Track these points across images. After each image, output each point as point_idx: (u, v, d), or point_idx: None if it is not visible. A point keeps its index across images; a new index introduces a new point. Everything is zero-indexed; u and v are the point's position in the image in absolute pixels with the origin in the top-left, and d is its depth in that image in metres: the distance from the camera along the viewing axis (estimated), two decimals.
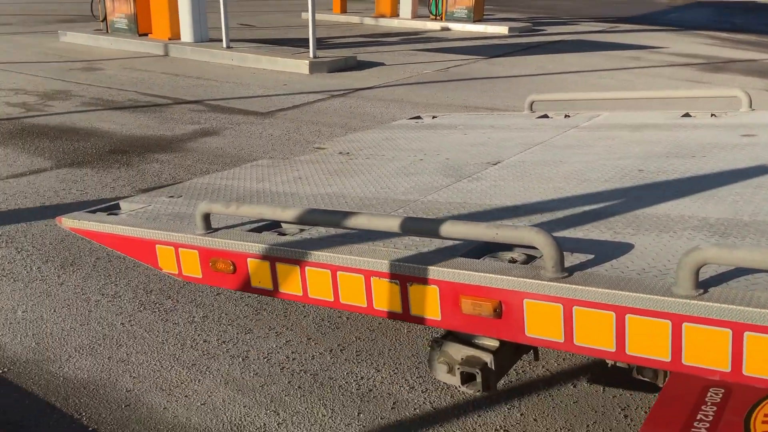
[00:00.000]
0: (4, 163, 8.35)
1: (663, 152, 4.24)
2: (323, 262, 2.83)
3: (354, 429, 3.55)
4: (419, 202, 3.58)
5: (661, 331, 2.18)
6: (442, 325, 2.69)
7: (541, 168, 4.09)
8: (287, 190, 4.05)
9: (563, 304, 2.33)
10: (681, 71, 14.40)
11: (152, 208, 3.78)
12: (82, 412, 3.77)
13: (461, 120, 5.99)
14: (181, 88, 13.08)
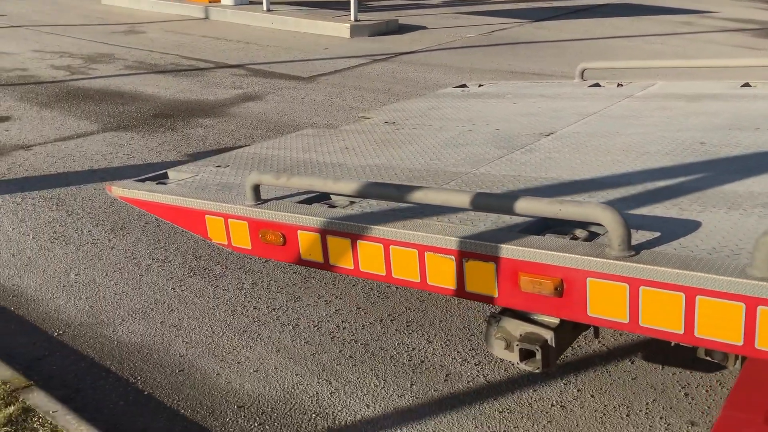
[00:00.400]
0: (52, 126, 8.42)
1: (724, 124, 4.06)
2: (376, 236, 2.77)
3: (407, 400, 3.52)
4: (471, 174, 3.48)
5: (733, 314, 2.10)
6: (498, 302, 2.64)
7: (597, 140, 3.94)
8: (334, 160, 3.97)
9: (629, 284, 2.25)
10: (734, 37, 13.91)
11: (200, 178, 3.74)
12: (137, 376, 3.81)
13: (509, 89, 5.85)
14: (221, 51, 13.03)
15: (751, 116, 4.21)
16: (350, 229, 2.84)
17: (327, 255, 2.97)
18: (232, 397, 3.60)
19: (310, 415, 3.45)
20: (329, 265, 3.01)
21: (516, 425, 3.30)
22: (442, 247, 2.62)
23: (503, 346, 2.83)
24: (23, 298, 4.65)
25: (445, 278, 2.66)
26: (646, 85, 5.54)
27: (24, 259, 5.18)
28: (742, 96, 4.87)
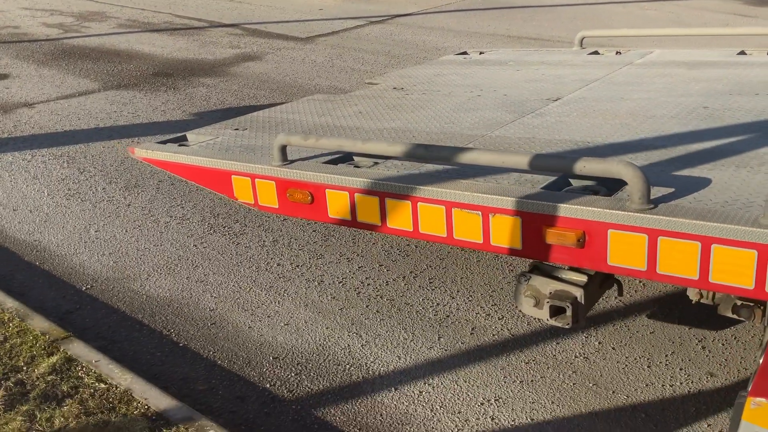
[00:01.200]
0: (52, 84, 8.36)
1: (725, 90, 4.22)
2: (404, 193, 2.86)
3: (436, 352, 3.66)
4: (488, 137, 3.57)
5: (746, 260, 2.25)
6: (522, 254, 2.72)
7: (604, 104, 4.07)
8: (351, 124, 4.05)
9: (648, 235, 2.39)
10: (727, 4, 14.02)
11: (221, 140, 3.81)
12: (170, 328, 3.91)
13: (511, 56, 5.93)
14: (215, 10, 12.91)
15: (750, 82, 4.37)
16: (379, 188, 2.92)
17: (355, 213, 3.05)
18: (267, 349, 3.72)
19: (344, 366, 3.57)
20: (357, 222, 3.08)
21: (542, 375, 3.45)
22: (469, 203, 2.71)
23: (532, 303, 2.95)
24: (46, 254, 4.71)
25: (472, 233, 2.76)
26: (644, 52, 5.66)
27: (42, 215, 5.21)
28: (740, 63, 5.02)
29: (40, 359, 3.47)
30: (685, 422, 3.12)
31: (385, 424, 3.18)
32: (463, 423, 3.17)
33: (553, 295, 2.89)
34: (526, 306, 2.98)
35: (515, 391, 3.35)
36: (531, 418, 3.19)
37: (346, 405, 3.31)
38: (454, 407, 3.26)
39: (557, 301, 2.87)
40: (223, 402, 3.34)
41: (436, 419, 3.20)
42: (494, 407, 3.26)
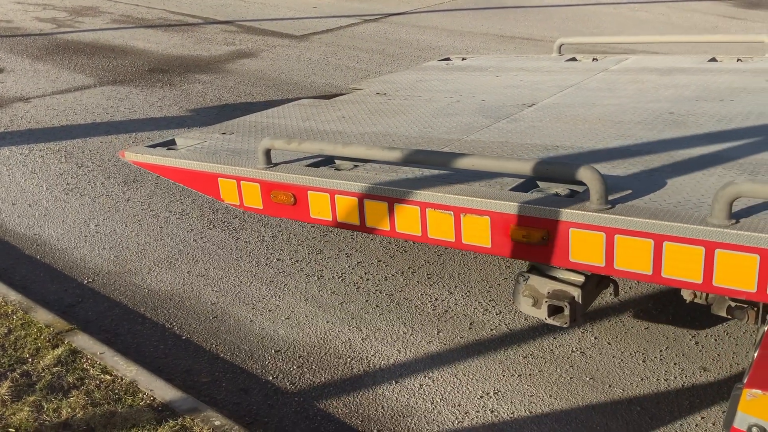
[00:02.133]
0: (47, 79, 8.36)
1: (692, 96, 4.39)
2: (381, 195, 3.00)
3: (435, 346, 3.72)
4: (463, 141, 3.69)
5: (695, 256, 2.42)
6: (491, 252, 2.88)
7: (576, 110, 4.23)
8: (334, 128, 4.16)
9: (606, 233, 2.56)
10: (716, 6, 14.17)
11: (209, 144, 3.92)
12: (172, 322, 3.95)
13: (492, 62, 6.06)
14: (209, 7, 12.92)
15: (717, 89, 4.54)
16: (357, 189, 3.06)
17: (335, 213, 3.19)
18: (269, 342, 3.77)
19: (345, 359, 3.63)
20: (337, 222, 3.22)
21: (540, 369, 3.53)
22: (442, 204, 2.87)
23: (531, 303, 3.04)
24: (47, 247, 4.74)
25: (445, 232, 2.92)
26: (620, 59, 5.80)
27: (41, 209, 5.24)
28: (709, 70, 5.18)
29: (45, 351, 3.51)
30: (679, 415, 3.20)
31: (387, 416, 3.24)
32: (463, 415, 3.24)
33: (551, 295, 2.98)
34: (524, 305, 3.07)
35: (514, 385, 3.42)
36: (529, 411, 3.26)
37: (347, 397, 3.37)
38: (454, 400, 3.33)
39: (555, 301, 2.96)
40: (227, 394, 3.40)
41: (436, 412, 3.26)
42: (493, 400, 3.32)
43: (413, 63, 9.29)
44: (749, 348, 3.56)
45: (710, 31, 11.71)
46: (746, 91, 4.37)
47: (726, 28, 11.84)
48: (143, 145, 3.99)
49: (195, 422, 3.03)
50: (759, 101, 4.10)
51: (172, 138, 4.11)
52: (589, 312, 3.99)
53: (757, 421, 2.27)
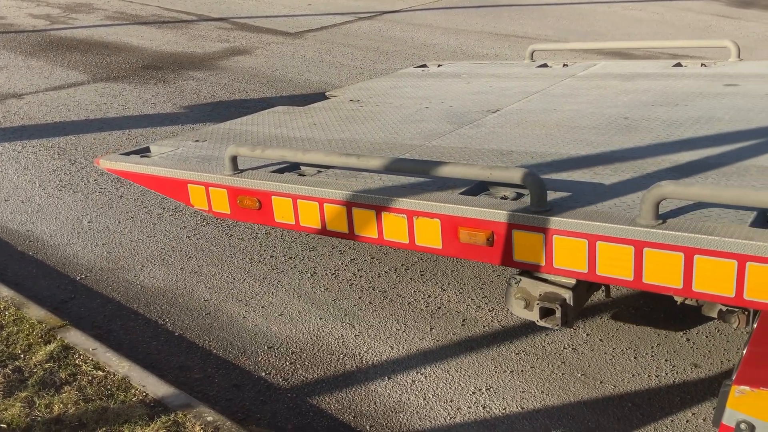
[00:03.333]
0: (41, 76, 8.34)
1: (649, 101, 4.46)
2: (341, 199, 3.11)
3: (428, 343, 3.73)
4: (424, 146, 3.80)
5: (625, 254, 2.54)
6: (442, 252, 3.00)
7: (537, 115, 4.31)
8: (304, 135, 4.25)
9: (544, 234, 2.68)
10: (710, 5, 14.22)
11: (181, 151, 4.00)
12: (165, 318, 3.95)
13: (465, 69, 6.13)
14: (203, 4, 12.90)
15: (674, 93, 4.61)
16: (318, 194, 3.17)
17: (298, 217, 3.29)
18: (261, 339, 3.77)
19: (338, 356, 3.64)
20: (300, 225, 3.33)
21: (532, 365, 3.54)
22: (396, 207, 2.98)
23: (523, 305, 3.06)
24: (39, 244, 4.73)
25: (399, 234, 3.03)
26: (588, 65, 5.85)
27: (34, 206, 5.23)
28: (671, 75, 5.23)
29: (38, 347, 3.51)
30: (670, 411, 3.21)
31: (379, 412, 3.25)
32: (455, 411, 3.25)
33: (542, 297, 3.00)
34: (516, 308, 3.09)
35: (506, 381, 3.43)
36: (521, 407, 3.27)
37: (340, 393, 3.37)
38: (446, 396, 3.34)
39: (547, 303, 2.99)
40: (220, 390, 3.40)
41: (428, 408, 3.27)
42: (485, 396, 3.34)
43: (408, 60, 9.30)
44: (740, 345, 3.59)
45: (704, 30, 11.75)
46: (701, 96, 4.47)
47: (720, 27, 11.88)
48: (117, 152, 4.10)
49: (187, 418, 3.04)
50: (711, 106, 4.21)
51: (147, 146, 4.19)
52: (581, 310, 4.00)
53: (745, 418, 2.29)
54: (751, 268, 2.32)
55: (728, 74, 5.03)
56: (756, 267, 2.31)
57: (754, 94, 4.40)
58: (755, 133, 3.61)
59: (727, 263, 2.36)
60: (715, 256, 2.37)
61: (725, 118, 3.90)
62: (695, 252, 2.40)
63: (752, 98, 4.29)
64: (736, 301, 2.42)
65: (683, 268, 2.44)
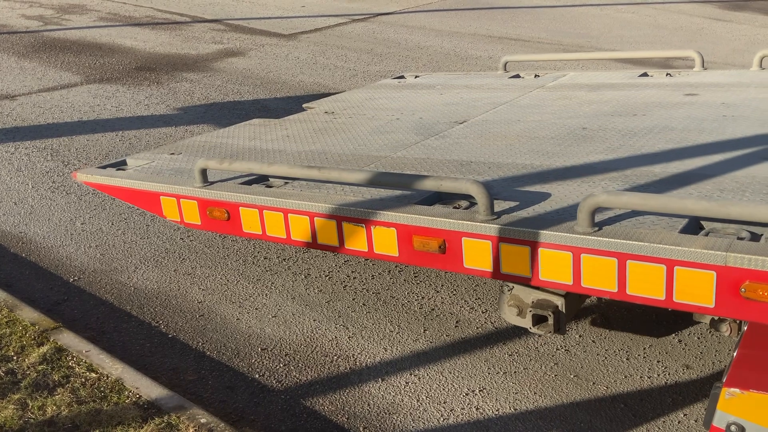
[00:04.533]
0: (33, 77, 8.32)
1: (610, 111, 4.53)
2: (302, 209, 3.22)
3: (422, 344, 3.74)
4: (389, 158, 3.88)
5: (565, 260, 2.67)
6: (398, 260, 3.11)
7: (501, 126, 4.38)
8: (276, 147, 4.33)
9: (492, 241, 2.80)
10: (703, 8, 14.29)
11: (156, 164, 4.08)
12: (159, 320, 3.95)
13: (440, 80, 6.18)
14: (197, 5, 12.89)
15: (634, 104, 4.68)
16: (282, 205, 3.28)
17: (264, 227, 3.39)
18: (255, 341, 3.78)
19: (331, 357, 3.64)
20: (267, 235, 3.42)
21: (525, 366, 3.55)
22: (355, 217, 3.09)
23: (516, 312, 3.10)
24: (32, 246, 4.72)
25: (359, 243, 3.13)
26: (558, 75, 5.91)
27: (27, 207, 5.22)
28: (636, 85, 5.29)
29: (30, 349, 3.50)
30: (662, 412, 3.23)
31: (373, 414, 3.25)
32: (448, 412, 3.26)
33: (535, 304, 3.04)
34: (509, 315, 3.13)
35: (499, 382, 3.44)
36: (514, 408, 3.29)
37: (334, 395, 3.38)
38: (439, 397, 3.35)
39: (539, 310, 3.03)
40: (213, 392, 3.40)
41: (422, 409, 3.28)
42: (479, 397, 3.35)
43: (401, 62, 9.32)
44: (731, 347, 3.61)
45: (696, 32, 11.81)
46: (660, 106, 4.54)
47: (712, 30, 11.95)
48: (95, 166, 4.09)
49: (181, 420, 3.04)
50: (668, 115, 4.28)
51: (124, 159, 4.29)
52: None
53: (735, 419, 2.31)
54: (678, 272, 2.44)
55: (690, 84, 5.12)
56: (683, 271, 2.44)
57: (711, 103, 4.50)
58: (704, 141, 3.72)
59: (656, 268, 2.48)
60: (646, 261, 2.49)
61: (678, 127, 4.00)
62: (627, 257, 2.52)
63: (708, 107, 4.39)
64: (666, 303, 2.52)
65: (617, 273, 2.57)
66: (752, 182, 3.05)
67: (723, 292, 2.39)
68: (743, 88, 4.79)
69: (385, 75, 8.77)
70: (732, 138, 3.70)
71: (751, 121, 3.99)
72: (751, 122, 3.96)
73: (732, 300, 2.39)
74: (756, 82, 4.93)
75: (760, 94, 4.62)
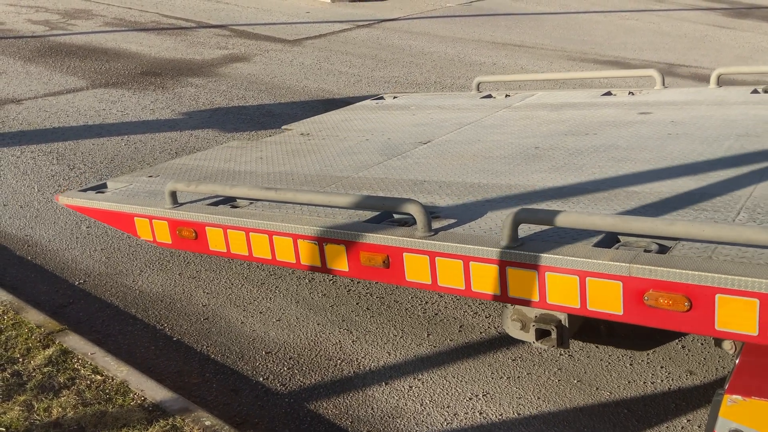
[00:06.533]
0: (39, 81, 8.36)
1: (564, 130, 4.60)
2: (262, 228, 3.39)
3: (425, 349, 3.75)
4: (351, 178, 4.01)
5: (492, 273, 2.84)
6: (348, 275, 3.24)
7: (461, 146, 4.48)
8: (248, 169, 4.47)
9: (429, 256, 2.96)
10: (706, 15, 14.31)
11: (133, 187, 4.23)
12: (163, 323, 3.97)
13: (416, 100, 6.24)
14: (202, 11, 12.95)
15: (589, 123, 4.76)
16: (243, 224, 3.46)
17: (228, 245, 3.56)
18: (259, 344, 3.79)
19: (335, 361, 3.65)
20: (231, 253, 3.58)
21: (529, 371, 3.56)
22: (308, 235, 3.25)
23: (519, 326, 3.12)
24: (38, 249, 4.74)
25: (313, 259, 3.29)
26: (527, 95, 5.97)
27: (33, 211, 5.25)
28: (596, 104, 5.35)
29: (36, 351, 3.52)
30: (665, 417, 3.23)
31: (377, 418, 3.26)
32: (452, 417, 3.27)
33: (538, 319, 3.06)
34: (513, 329, 3.15)
35: (502, 387, 3.45)
36: (518, 412, 3.29)
37: (337, 399, 3.39)
38: (443, 402, 3.36)
39: (542, 325, 3.04)
40: (218, 394, 3.41)
41: (425, 413, 3.29)
42: (482, 402, 3.36)
43: (405, 68, 9.35)
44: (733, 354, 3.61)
45: (699, 39, 11.83)
46: (613, 125, 4.62)
47: (716, 37, 11.97)
48: (76, 189, 4.35)
49: (186, 422, 3.05)
50: (617, 134, 4.39)
51: (104, 182, 4.44)
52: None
53: (737, 427, 2.32)
54: (590, 282, 2.63)
55: (648, 102, 5.19)
56: (594, 281, 2.62)
57: (661, 121, 4.58)
58: (642, 159, 3.84)
59: (571, 279, 2.67)
60: (562, 272, 2.67)
61: (624, 145, 4.12)
62: (546, 269, 2.70)
63: (656, 126, 4.48)
64: (581, 311, 2.70)
65: (538, 284, 2.75)
66: (673, 197, 3.22)
67: (629, 301, 2.58)
68: (696, 106, 4.90)
69: (390, 80, 8.80)
70: (669, 155, 3.86)
71: (692, 138, 4.13)
72: (693, 139, 4.10)
73: (637, 308, 2.56)
74: (709, 100, 5.04)
75: (710, 111, 4.73)
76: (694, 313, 2.46)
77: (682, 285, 2.45)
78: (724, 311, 2.40)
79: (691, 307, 2.46)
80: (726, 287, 2.37)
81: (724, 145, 3.92)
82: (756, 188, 3.21)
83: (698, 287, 2.42)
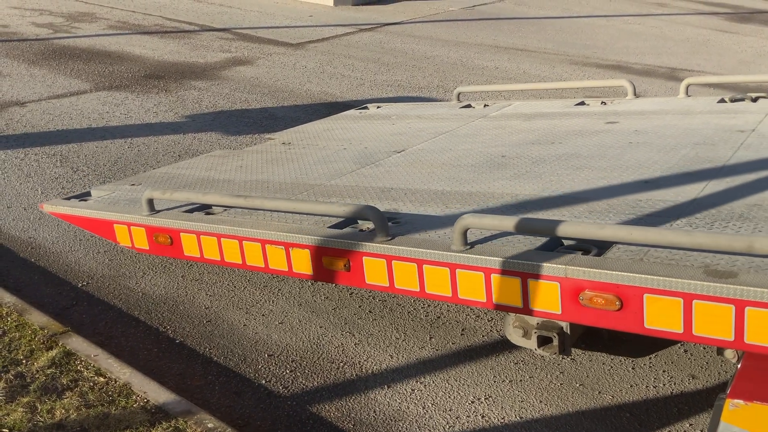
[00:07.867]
0: (43, 84, 8.39)
1: (532, 140, 4.66)
2: (232, 234, 3.52)
3: (428, 351, 3.76)
4: (323, 185, 4.12)
5: (444, 276, 2.96)
6: (312, 278, 3.39)
7: (432, 155, 4.55)
8: (227, 177, 4.58)
9: (386, 260, 3.08)
10: (709, 20, 14.31)
11: (116, 195, 4.35)
12: (166, 325, 3.97)
13: (398, 110, 6.27)
14: (205, 14, 12.97)
15: (558, 132, 4.82)
16: (215, 230, 3.58)
17: (201, 250, 3.69)
18: (262, 347, 3.80)
19: (338, 364, 3.66)
20: (204, 258, 3.72)
21: (531, 375, 3.56)
22: (275, 240, 3.38)
23: (521, 333, 3.13)
24: (41, 251, 4.76)
25: (280, 263, 3.42)
26: (504, 105, 6.02)
27: (36, 213, 5.26)
28: (568, 114, 5.39)
29: (39, 353, 3.53)
30: (668, 421, 3.24)
31: (379, 421, 3.26)
32: (454, 420, 3.27)
33: (540, 326, 3.07)
34: (514, 336, 3.17)
35: (505, 390, 3.45)
36: (520, 416, 3.30)
37: (340, 401, 3.39)
38: (445, 405, 3.36)
39: (544, 332, 3.06)
40: (220, 397, 3.42)
41: (428, 416, 3.29)
42: (484, 405, 3.36)
43: (408, 72, 9.36)
44: None
45: (702, 44, 11.84)
46: (579, 134, 4.69)
47: (718, 42, 11.97)
48: (60, 197, 4.46)
49: (188, 424, 3.06)
50: (581, 143, 4.46)
51: (88, 190, 4.55)
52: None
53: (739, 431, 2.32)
54: (531, 283, 2.76)
55: (616, 112, 5.24)
56: (534, 282, 2.75)
57: (625, 130, 4.65)
58: (599, 167, 3.94)
59: (513, 280, 2.80)
60: (505, 274, 2.80)
61: (585, 154, 4.20)
62: (491, 271, 2.83)
63: (620, 135, 4.56)
64: (524, 311, 2.85)
65: (485, 285, 2.88)
66: (621, 203, 3.33)
67: (566, 301, 2.72)
68: (662, 116, 4.95)
69: (392, 84, 8.82)
70: (626, 163, 3.96)
71: (652, 146, 4.22)
72: (651, 148, 4.19)
73: (573, 307, 2.70)
74: (676, 110, 5.08)
75: (674, 121, 4.78)
76: (625, 312, 2.60)
77: (613, 285, 2.59)
78: (652, 310, 2.54)
79: (622, 306, 2.60)
80: (653, 287, 2.51)
81: (679, 153, 4.02)
82: (700, 194, 3.33)
83: (628, 287, 2.57)
